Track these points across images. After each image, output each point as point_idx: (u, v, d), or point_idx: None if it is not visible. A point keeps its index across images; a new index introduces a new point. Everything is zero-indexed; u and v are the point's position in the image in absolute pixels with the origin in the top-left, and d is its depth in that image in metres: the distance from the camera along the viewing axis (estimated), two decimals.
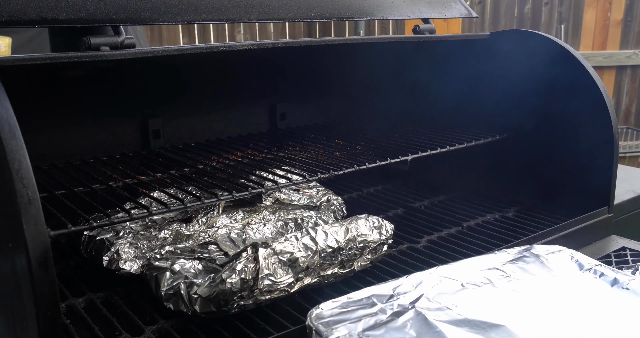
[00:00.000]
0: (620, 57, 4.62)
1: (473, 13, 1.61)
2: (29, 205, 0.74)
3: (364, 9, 1.40)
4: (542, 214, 1.55)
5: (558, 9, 4.68)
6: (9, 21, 0.93)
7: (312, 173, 1.27)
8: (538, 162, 1.62)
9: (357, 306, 0.93)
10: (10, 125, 0.77)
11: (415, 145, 1.50)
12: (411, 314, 0.89)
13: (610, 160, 1.46)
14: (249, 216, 1.40)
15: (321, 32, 4.87)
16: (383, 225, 1.23)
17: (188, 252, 1.18)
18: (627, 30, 4.60)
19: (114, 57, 0.98)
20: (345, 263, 1.15)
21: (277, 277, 1.04)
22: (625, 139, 4.56)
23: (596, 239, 1.47)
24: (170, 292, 1.03)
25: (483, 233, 1.45)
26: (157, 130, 1.61)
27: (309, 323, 0.88)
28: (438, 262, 1.27)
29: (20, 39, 2.68)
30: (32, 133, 1.13)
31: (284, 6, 1.26)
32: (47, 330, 0.76)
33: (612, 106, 1.44)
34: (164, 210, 1.08)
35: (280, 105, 1.87)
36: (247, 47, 1.15)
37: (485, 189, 1.75)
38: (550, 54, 1.51)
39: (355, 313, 0.90)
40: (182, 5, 1.12)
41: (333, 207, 1.49)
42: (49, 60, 0.91)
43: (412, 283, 0.99)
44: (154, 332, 1.02)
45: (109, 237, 1.22)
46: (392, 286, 0.98)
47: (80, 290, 1.16)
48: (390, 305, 0.92)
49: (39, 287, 0.74)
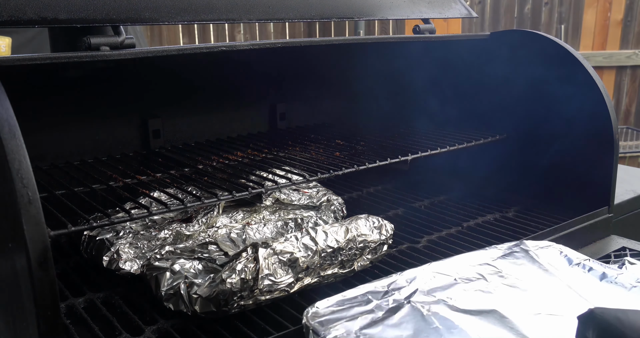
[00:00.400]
0: (620, 57, 4.62)
1: (473, 13, 1.61)
2: (29, 205, 0.74)
3: (364, 9, 1.40)
4: (542, 214, 1.55)
5: (558, 9, 4.68)
6: (9, 21, 0.93)
7: (312, 174, 1.27)
8: (538, 162, 1.62)
9: (352, 303, 0.93)
10: (10, 125, 0.77)
11: (415, 145, 1.50)
12: (407, 309, 0.90)
13: (610, 160, 1.46)
14: (249, 216, 1.40)
15: (321, 32, 4.87)
16: (383, 225, 1.23)
17: (188, 252, 1.18)
18: (627, 30, 4.61)
19: (114, 57, 0.98)
20: (345, 263, 1.15)
21: (277, 277, 1.04)
22: (625, 139, 4.57)
23: (596, 239, 1.47)
24: (170, 292, 1.03)
25: (483, 233, 1.45)
26: (157, 130, 1.60)
27: (305, 322, 0.89)
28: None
29: (20, 39, 2.68)
30: (32, 133, 1.13)
31: (284, 6, 1.26)
32: (47, 330, 0.76)
33: (612, 106, 1.44)
34: (164, 210, 1.08)
35: (280, 105, 1.87)
36: (247, 47, 1.15)
37: (485, 189, 1.75)
38: (550, 54, 1.51)
39: (351, 311, 0.90)
40: (182, 5, 1.12)
41: (333, 207, 1.49)
42: (49, 60, 0.91)
43: (406, 279, 0.99)
44: (154, 332, 1.02)
45: (109, 237, 1.22)
46: (387, 282, 0.99)
47: (80, 290, 1.16)
48: (386, 302, 0.92)
49: (39, 287, 0.74)
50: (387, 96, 1.90)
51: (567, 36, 4.67)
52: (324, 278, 1.13)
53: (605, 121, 1.44)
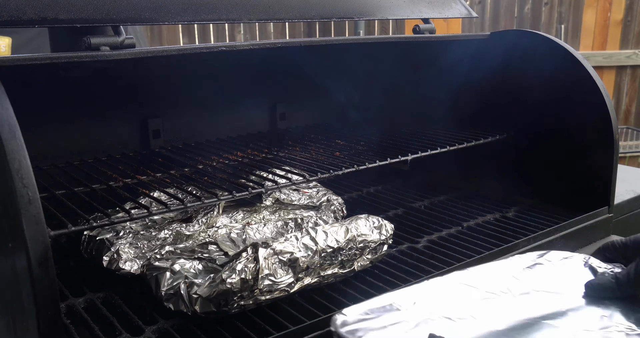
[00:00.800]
0: (620, 57, 4.62)
1: (473, 13, 1.61)
2: (29, 205, 0.74)
3: (364, 9, 1.40)
4: (542, 214, 1.55)
5: (558, 9, 4.68)
6: (9, 21, 0.93)
7: (312, 174, 1.27)
8: (538, 162, 1.62)
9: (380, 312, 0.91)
10: (10, 125, 0.77)
11: (415, 145, 1.50)
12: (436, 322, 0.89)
13: (610, 160, 1.46)
14: (249, 216, 1.40)
15: (321, 32, 4.87)
16: (383, 225, 1.23)
17: (188, 252, 1.18)
18: (627, 30, 4.60)
19: (114, 57, 0.98)
20: (346, 263, 1.15)
21: (277, 277, 1.04)
22: (625, 139, 4.56)
23: (596, 239, 1.47)
24: (170, 292, 1.03)
25: (483, 233, 1.45)
26: (157, 130, 1.61)
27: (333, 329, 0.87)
28: (438, 262, 1.28)
29: (20, 39, 2.67)
30: (32, 133, 1.13)
31: (284, 6, 1.26)
32: (47, 330, 0.76)
33: (612, 106, 1.43)
34: (164, 210, 1.07)
35: (280, 105, 1.87)
36: (247, 47, 1.15)
37: (485, 189, 1.75)
38: (550, 54, 1.51)
39: (379, 321, 0.89)
40: (182, 5, 1.12)
41: (333, 207, 1.49)
42: (49, 60, 0.91)
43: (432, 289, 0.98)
44: (154, 332, 1.02)
45: (109, 237, 1.22)
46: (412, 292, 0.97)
47: (80, 290, 1.16)
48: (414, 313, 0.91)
49: (39, 287, 0.74)
50: (386, 96, 1.90)
51: (567, 36, 4.67)
52: (324, 278, 1.13)
53: (605, 121, 1.44)
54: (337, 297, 1.13)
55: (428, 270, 1.22)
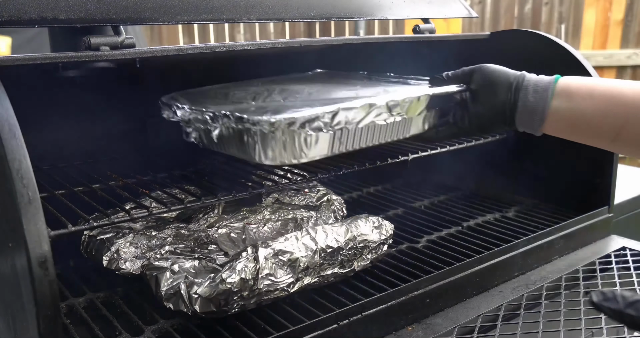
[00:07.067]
0: (621, 57, 4.62)
1: (473, 13, 1.61)
2: (29, 205, 0.74)
3: (364, 9, 1.40)
4: (542, 214, 1.55)
5: (558, 9, 4.68)
6: (9, 21, 0.93)
7: (312, 174, 1.27)
8: (538, 162, 1.62)
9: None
10: (10, 125, 0.77)
11: (415, 145, 1.50)
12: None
13: (610, 160, 1.46)
14: (249, 216, 1.40)
15: (321, 32, 4.87)
16: (383, 225, 1.23)
17: (188, 252, 1.19)
18: (627, 30, 4.60)
19: (114, 57, 0.98)
20: (345, 263, 1.15)
21: (277, 276, 1.04)
22: None
23: (596, 239, 1.47)
24: (170, 292, 1.03)
25: (483, 233, 1.45)
26: (157, 130, 1.60)
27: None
28: (438, 262, 1.27)
29: (20, 39, 2.68)
30: (32, 133, 1.13)
31: (284, 6, 1.26)
32: (47, 330, 0.76)
33: None
34: (164, 210, 1.08)
35: None
36: (247, 47, 1.15)
37: (485, 189, 1.75)
38: (550, 54, 1.51)
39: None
40: (182, 5, 1.12)
41: (333, 207, 1.49)
42: (49, 60, 0.91)
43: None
44: (154, 332, 1.02)
45: (109, 237, 1.22)
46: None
47: (80, 290, 1.16)
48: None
49: (39, 287, 0.74)
50: None
51: (567, 36, 4.67)
52: (324, 278, 1.13)
53: None
54: (337, 297, 1.13)
55: (428, 270, 1.22)
